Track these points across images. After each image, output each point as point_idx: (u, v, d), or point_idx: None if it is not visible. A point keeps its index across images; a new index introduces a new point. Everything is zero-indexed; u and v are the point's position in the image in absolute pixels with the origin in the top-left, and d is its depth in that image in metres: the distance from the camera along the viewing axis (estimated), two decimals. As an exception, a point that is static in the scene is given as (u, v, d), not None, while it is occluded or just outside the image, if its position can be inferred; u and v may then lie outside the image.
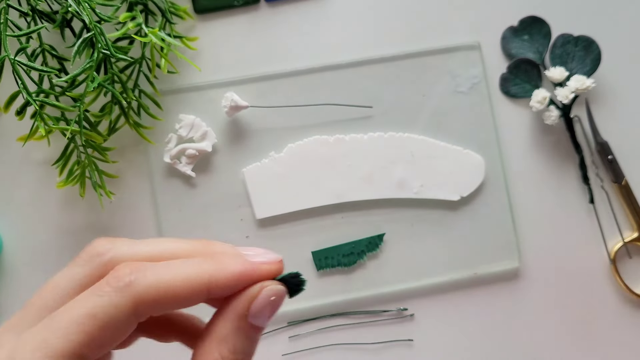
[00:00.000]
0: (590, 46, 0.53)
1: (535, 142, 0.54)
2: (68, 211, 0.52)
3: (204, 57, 0.53)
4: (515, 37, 0.54)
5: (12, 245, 0.52)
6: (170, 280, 0.22)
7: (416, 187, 0.52)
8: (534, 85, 0.53)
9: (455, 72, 0.53)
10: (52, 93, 0.44)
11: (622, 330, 0.53)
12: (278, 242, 0.52)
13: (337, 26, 0.54)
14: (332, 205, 0.52)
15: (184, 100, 0.52)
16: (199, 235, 0.52)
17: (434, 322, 0.53)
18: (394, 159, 0.52)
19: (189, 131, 0.51)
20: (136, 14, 0.47)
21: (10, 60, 0.41)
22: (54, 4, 0.47)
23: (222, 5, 0.53)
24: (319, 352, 0.52)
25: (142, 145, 0.52)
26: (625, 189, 0.53)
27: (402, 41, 0.54)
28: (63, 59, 0.48)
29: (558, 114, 0.52)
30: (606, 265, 0.54)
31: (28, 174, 0.52)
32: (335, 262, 0.52)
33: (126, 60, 0.46)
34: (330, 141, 0.52)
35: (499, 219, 0.53)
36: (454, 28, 0.54)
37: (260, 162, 0.52)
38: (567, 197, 0.54)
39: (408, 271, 0.52)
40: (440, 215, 0.53)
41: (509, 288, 0.53)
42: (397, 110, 0.53)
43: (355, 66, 0.53)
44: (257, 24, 0.54)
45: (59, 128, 0.44)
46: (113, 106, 0.48)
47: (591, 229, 0.54)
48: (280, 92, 0.52)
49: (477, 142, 0.53)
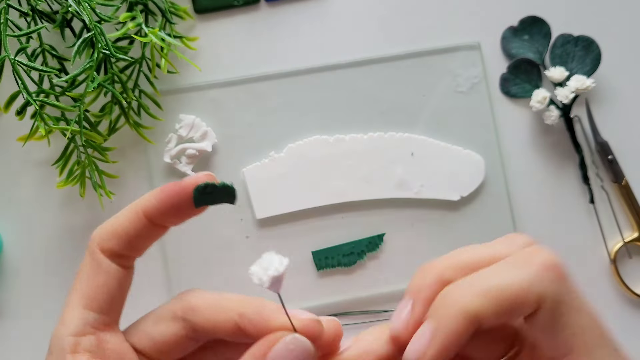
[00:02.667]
0: (590, 46, 0.53)
1: (535, 142, 0.54)
2: (68, 211, 0.52)
3: (204, 57, 0.53)
4: (515, 37, 0.54)
5: (12, 245, 0.52)
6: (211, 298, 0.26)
7: (416, 187, 0.52)
8: (534, 85, 0.53)
9: (455, 72, 0.53)
10: (52, 93, 0.44)
11: (622, 330, 0.53)
12: (278, 242, 0.52)
13: (337, 26, 0.54)
14: (332, 205, 0.52)
15: (184, 100, 0.52)
16: (199, 234, 0.52)
17: (434, 322, 0.53)
18: (394, 159, 0.52)
19: (189, 131, 0.51)
20: (136, 14, 0.47)
21: (10, 60, 0.41)
22: (54, 4, 0.47)
23: (222, 5, 0.53)
24: (319, 352, 0.52)
25: (142, 145, 0.52)
26: (625, 189, 0.53)
27: (402, 41, 0.54)
28: (63, 59, 0.48)
29: (558, 114, 0.52)
30: (606, 265, 0.54)
31: (28, 174, 0.52)
32: (335, 262, 0.52)
33: (126, 60, 0.46)
34: (330, 141, 0.52)
35: (499, 219, 0.53)
36: (454, 28, 0.54)
37: (260, 162, 0.52)
38: (567, 197, 0.54)
39: (408, 271, 0.52)
40: (440, 215, 0.53)
41: (509, 288, 0.53)
42: (397, 110, 0.53)
43: (355, 66, 0.53)
44: (257, 24, 0.54)
45: (59, 128, 0.44)
46: (113, 106, 0.48)
47: (591, 229, 0.54)
48: (280, 92, 0.52)
49: (477, 142, 0.53)
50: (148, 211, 0.25)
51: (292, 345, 0.23)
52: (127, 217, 0.25)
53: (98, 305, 0.25)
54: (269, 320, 0.24)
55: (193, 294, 0.26)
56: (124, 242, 0.25)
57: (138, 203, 0.25)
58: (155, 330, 0.26)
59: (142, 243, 0.26)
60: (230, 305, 0.25)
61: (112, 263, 0.25)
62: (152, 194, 0.25)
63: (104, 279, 0.25)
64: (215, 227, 0.52)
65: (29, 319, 0.51)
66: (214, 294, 0.26)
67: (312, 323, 0.24)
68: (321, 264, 0.52)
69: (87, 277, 0.25)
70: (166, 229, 0.26)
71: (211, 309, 0.25)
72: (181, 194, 0.25)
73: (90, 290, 0.24)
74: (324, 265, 0.52)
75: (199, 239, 0.52)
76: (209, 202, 0.25)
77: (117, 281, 0.25)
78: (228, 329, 0.25)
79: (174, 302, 0.26)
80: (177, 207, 0.25)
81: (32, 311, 0.51)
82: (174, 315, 0.26)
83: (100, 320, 0.25)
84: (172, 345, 0.26)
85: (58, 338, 0.24)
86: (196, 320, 0.25)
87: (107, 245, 0.25)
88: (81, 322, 0.24)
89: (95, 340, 0.24)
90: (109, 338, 0.25)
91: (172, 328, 0.26)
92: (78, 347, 0.24)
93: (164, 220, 0.25)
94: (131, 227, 0.25)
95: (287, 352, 0.23)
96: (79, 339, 0.24)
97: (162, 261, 0.51)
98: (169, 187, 0.25)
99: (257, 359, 0.23)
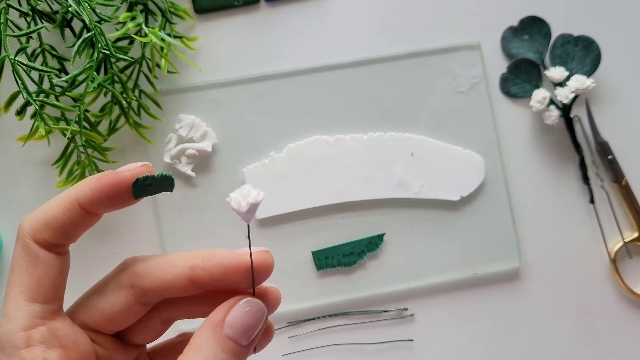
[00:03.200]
0: (590, 46, 0.53)
1: (535, 142, 0.54)
2: (68, 211, 0.52)
3: (204, 57, 0.53)
4: (515, 37, 0.54)
5: (12, 245, 0.52)
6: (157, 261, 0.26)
7: (416, 187, 0.52)
8: (534, 85, 0.53)
9: (455, 72, 0.53)
10: (52, 93, 0.44)
11: (622, 330, 0.53)
12: (278, 242, 0.52)
13: (337, 26, 0.54)
14: (332, 205, 0.52)
15: (184, 100, 0.52)
16: (198, 235, 0.52)
17: (434, 322, 0.53)
18: (394, 159, 0.52)
19: (189, 131, 0.51)
20: (136, 14, 0.47)
21: (10, 60, 0.41)
22: (54, 4, 0.47)
23: (222, 5, 0.53)
24: (319, 352, 0.52)
25: (142, 145, 0.52)
26: (625, 189, 0.53)
27: (402, 41, 0.54)
28: (63, 59, 0.48)
29: (558, 113, 0.52)
30: (606, 265, 0.54)
31: (28, 174, 0.52)
32: (335, 262, 0.52)
33: (126, 60, 0.46)
34: (330, 141, 0.52)
35: (499, 219, 0.53)
36: (454, 28, 0.54)
37: (260, 162, 0.52)
38: (567, 197, 0.54)
39: (408, 271, 0.52)
40: (440, 215, 0.53)
41: (509, 288, 0.53)
42: (397, 110, 0.53)
43: (355, 66, 0.53)
44: (257, 24, 0.54)
45: (59, 128, 0.44)
46: (113, 106, 0.48)
47: (591, 229, 0.54)
48: (280, 92, 0.52)
49: (477, 142, 0.53)
50: (83, 201, 0.24)
51: (248, 307, 0.24)
52: (61, 207, 0.24)
53: (42, 297, 0.24)
54: (222, 263, 0.25)
55: (134, 261, 0.26)
56: (59, 232, 0.24)
57: (72, 192, 0.25)
58: (103, 302, 0.26)
59: (76, 232, 0.25)
60: (179, 261, 0.26)
61: (50, 253, 0.25)
62: (87, 184, 0.25)
63: (44, 269, 0.24)
64: (215, 227, 0.52)
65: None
66: (157, 256, 0.26)
67: (265, 255, 0.25)
68: (321, 264, 0.52)
69: (26, 270, 0.24)
70: (99, 217, 0.26)
71: (159, 269, 0.26)
72: (119, 185, 0.24)
73: (32, 283, 0.24)
74: (324, 265, 0.52)
75: (198, 239, 0.52)
76: (149, 192, 0.25)
77: (57, 269, 0.25)
78: (180, 284, 0.25)
79: (116, 272, 0.26)
80: (113, 198, 0.25)
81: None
82: (120, 285, 0.26)
83: (47, 309, 0.25)
84: (123, 313, 0.26)
85: (7, 335, 0.24)
86: (145, 284, 0.26)
87: (42, 237, 0.24)
88: (28, 316, 0.24)
89: (47, 330, 0.24)
90: (58, 325, 0.25)
91: (120, 297, 0.26)
92: (31, 340, 0.24)
93: (99, 209, 0.25)
94: (65, 217, 0.24)
95: (244, 313, 0.24)
96: (29, 332, 0.24)
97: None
98: (106, 177, 0.24)
99: (216, 325, 0.24)
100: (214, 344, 0.23)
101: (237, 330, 0.24)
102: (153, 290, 0.26)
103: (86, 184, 0.25)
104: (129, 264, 0.26)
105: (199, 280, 0.25)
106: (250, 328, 0.24)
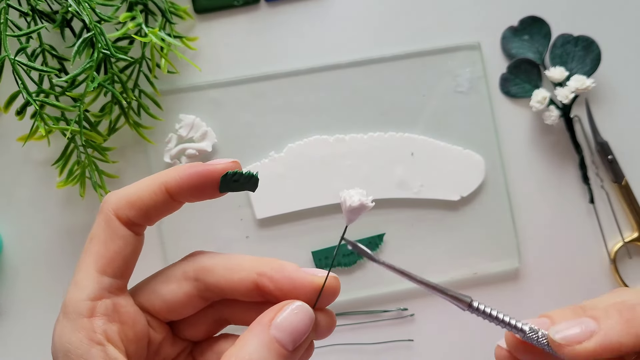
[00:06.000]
0: (590, 46, 0.53)
1: (535, 142, 0.54)
2: (68, 211, 0.52)
3: (204, 57, 0.53)
4: (515, 37, 0.54)
5: (12, 245, 0.52)
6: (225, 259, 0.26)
7: (416, 187, 0.52)
8: (534, 85, 0.53)
9: (455, 72, 0.53)
10: (52, 93, 0.44)
11: (622, 330, 0.53)
12: (278, 242, 0.52)
13: (337, 26, 0.54)
14: (332, 205, 0.52)
15: (184, 100, 0.52)
16: (199, 234, 0.52)
17: (434, 322, 0.53)
18: (394, 159, 0.52)
19: (189, 131, 0.51)
20: (136, 14, 0.47)
21: (10, 60, 0.41)
22: (54, 4, 0.47)
23: (222, 5, 0.53)
24: (319, 352, 0.52)
25: (142, 145, 0.52)
26: (625, 189, 0.53)
27: (402, 41, 0.54)
28: (63, 59, 0.48)
29: (558, 113, 0.52)
30: (606, 265, 0.54)
31: (28, 174, 0.52)
32: (335, 262, 0.52)
33: (126, 60, 0.46)
34: (330, 141, 0.52)
35: (499, 219, 0.53)
36: (454, 28, 0.54)
37: (260, 162, 0.52)
38: (567, 197, 0.54)
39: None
40: (440, 215, 0.53)
41: (509, 288, 0.53)
42: (397, 110, 0.53)
43: (355, 66, 0.53)
44: (257, 24, 0.54)
45: (59, 128, 0.44)
46: (113, 106, 0.48)
47: (591, 229, 0.54)
48: (280, 92, 0.52)
49: (477, 142, 0.53)
50: (170, 187, 0.25)
51: (297, 310, 0.25)
52: (148, 189, 0.25)
53: (113, 271, 0.25)
54: (291, 277, 0.25)
55: (204, 254, 0.27)
56: (141, 212, 0.25)
57: (161, 176, 0.25)
58: (165, 289, 0.26)
59: (157, 215, 0.26)
60: (247, 264, 0.26)
61: (128, 230, 0.25)
62: (177, 171, 0.25)
63: (120, 245, 0.25)
64: (215, 227, 0.52)
65: (28, 318, 0.51)
66: (225, 254, 0.27)
67: (335, 281, 0.26)
68: (321, 264, 0.52)
69: (103, 242, 0.25)
70: (181, 205, 0.26)
71: (227, 268, 0.26)
72: (208, 177, 0.25)
73: (107, 256, 0.25)
74: (324, 265, 0.52)
75: (199, 238, 0.52)
76: (233, 189, 0.26)
77: (132, 247, 0.26)
78: (244, 287, 0.26)
79: (184, 262, 0.27)
80: (200, 189, 0.25)
81: (32, 311, 0.51)
82: (185, 275, 0.26)
83: (115, 284, 0.25)
84: (183, 304, 0.26)
85: (74, 302, 0.24)
86: (210, 280, 0.26)
87: (124, 213, 0.25)
88: (97, 287, 0.24)
89: (111, 304, 0.25)
90: (122, 302, 0.25)
91: (184, 287, 0.26)
92: (95, 311, 0.24)
93: (184, 197, 0.26)
94: (150, 199, 0.25)
95: (292, 316, 0.24)
96: (95, 302, 0.24)
97: (162, 261, 0.51)
98: (196, 167, 0.25)
99: (264, 325, 0.24)
100: (259, 343, 0.24)
101: (283, 332, 0.24)
102: (217, 287, 0.26)
103: (176, 171, 0.25)
104: (196, 257, 0.27)
105: (264, 289, 0.26)
106: (296, 332, 0.24)
